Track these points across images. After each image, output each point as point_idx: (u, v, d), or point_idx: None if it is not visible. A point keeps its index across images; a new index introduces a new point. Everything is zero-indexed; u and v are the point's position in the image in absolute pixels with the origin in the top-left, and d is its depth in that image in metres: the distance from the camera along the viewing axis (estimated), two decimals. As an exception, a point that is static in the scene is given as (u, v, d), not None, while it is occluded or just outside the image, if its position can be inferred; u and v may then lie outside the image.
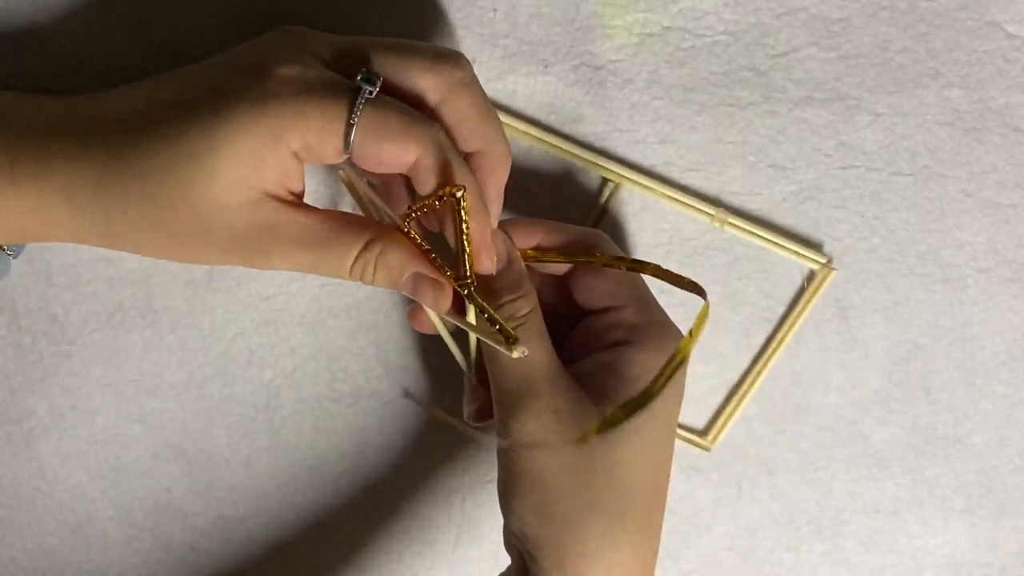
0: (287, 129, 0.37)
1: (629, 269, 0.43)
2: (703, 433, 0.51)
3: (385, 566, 0.53)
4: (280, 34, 0.41)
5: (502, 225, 0.43)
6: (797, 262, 0.50)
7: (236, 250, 0.39)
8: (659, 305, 0.44)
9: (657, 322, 0.43)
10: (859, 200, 0.49)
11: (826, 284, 0.49)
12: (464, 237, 0.39)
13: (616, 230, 0.49)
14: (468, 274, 0.40)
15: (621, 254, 0.44)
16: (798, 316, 0.50)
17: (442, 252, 0.40)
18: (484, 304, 0.40)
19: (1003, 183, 0.49)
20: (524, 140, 0.48)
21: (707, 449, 0.51)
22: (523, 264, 0.43)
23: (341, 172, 0.44)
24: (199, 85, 0.39)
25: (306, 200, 0.41)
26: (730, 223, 0.49)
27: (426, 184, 0.39)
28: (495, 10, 0.47)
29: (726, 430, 0.51)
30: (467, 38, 0.48)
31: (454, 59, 0.40)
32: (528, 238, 0.44)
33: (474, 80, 0.40)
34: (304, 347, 0.50)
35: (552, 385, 0.41)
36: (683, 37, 0.48)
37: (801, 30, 0.48)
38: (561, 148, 0.48)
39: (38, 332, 0.49)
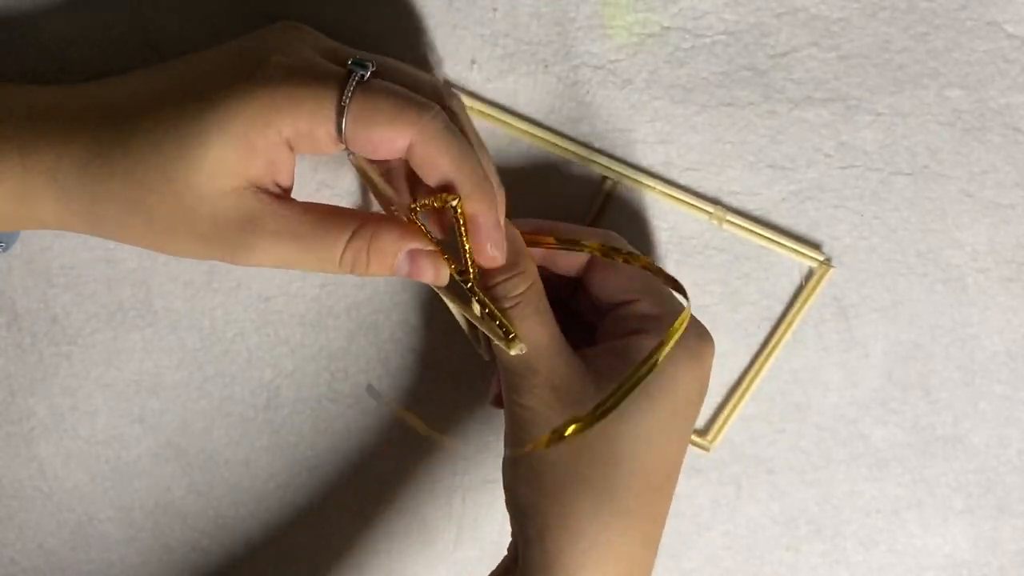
0: (277, 113, 0.37)
1: (625, 261, 0.43)
2: (702, 433, 0.51)
3: (385, 566, 0.53)
4: (277, 28, 0.41)
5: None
6: (796, 261, 0.50)
7: (218, 243, 0.38)
8: (672, 296, 0.44)
9: (671, 311, 0.43)
10: (859, 200, 0.49)
11: (824, 282, 0.49)
12: (464, 238, 0.40)
13: (615, 229, 0.49)
14: (470, 270, 0.40)
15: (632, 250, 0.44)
16: (797, 314, 0.50)
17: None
18: (487, 300, 0.41)
19: (1003, 183, 0.49)
20: (524, 139, 0.48)
21: (706, 449, 0.51)
22: (522, 243, 0.43)
23: (351, 158, 0.43)
24: (192, 74, 0.39)
25: (309, 197, 0.41)
26: (728, 221, 0.49)
27: (426, 172, 0.39)
28: (495, 10, 0.47)
29: (725, 430, 0.51)
30: (467, 38, 0.48)
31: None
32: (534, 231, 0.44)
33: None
34: (304, 347, 0.50)
35: (551, 362, 0.41)
36: (683, 37, 0.48)
37: (801, 30, 0.48)
38: (560, 146, 0.48)
39: (38, 333, 0.49)
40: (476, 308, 0.42)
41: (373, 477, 0.52)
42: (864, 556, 0.52)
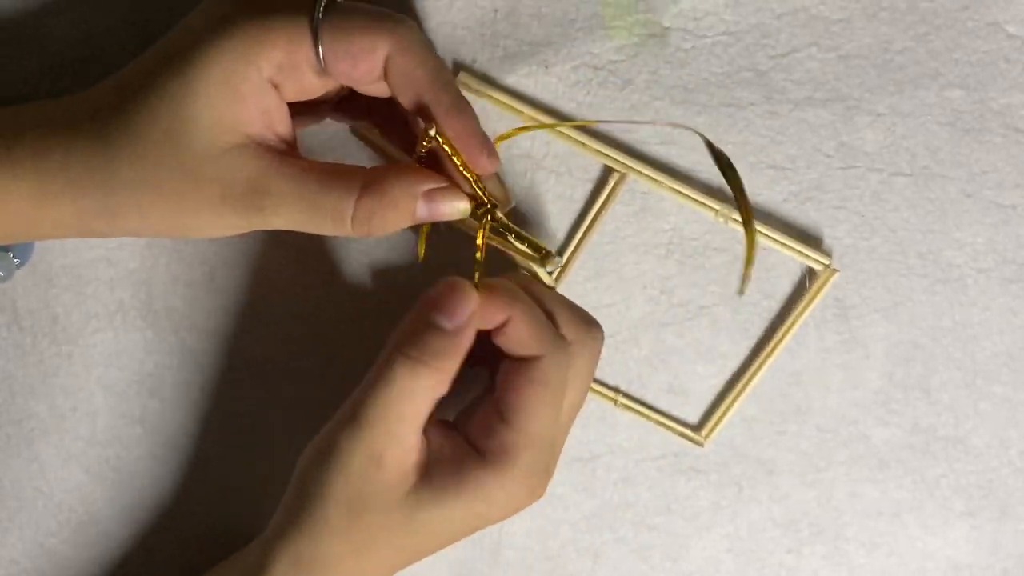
0: (254, 49, 0.37)
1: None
2: (696, 428, 0.51)
3: (385, 567, 0.53)
4: None
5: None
6: (798, 262, 0.50)
7: (231, 208, 0.39)
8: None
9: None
10: (859, 200, 0.49)
11: (828, 285, 0.49)
12: (463, 169, 0.40)
13: (615, 228, 0.50)
14: (484, 200, 0.40)
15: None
16: (799, 316, 0.50)
17: None
18: (511, 224, 0.41)
19: (1003, 184, 0.49)
20: (530, 127, 0.48)
21: (700, 444, 0.51)
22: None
23: (352, 128, 0.43)
24: (170, 44, 0.39)
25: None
26: (734, 219, 0.49)
27: (403, 86, 0.39)
28: (496, 10, 0.48)
29: (721, 426, 0.51)
30: (468, 38, 0.48)
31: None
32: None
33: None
34: (306, 347, 0.50)
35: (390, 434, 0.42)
36: (683, 38, 0.48)
37: (802, 31, 0.48)
38: (569, 136, 0.48)
39: (39, 333, 0.50)
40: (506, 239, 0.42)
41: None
42: (866, 559, 0.52)
